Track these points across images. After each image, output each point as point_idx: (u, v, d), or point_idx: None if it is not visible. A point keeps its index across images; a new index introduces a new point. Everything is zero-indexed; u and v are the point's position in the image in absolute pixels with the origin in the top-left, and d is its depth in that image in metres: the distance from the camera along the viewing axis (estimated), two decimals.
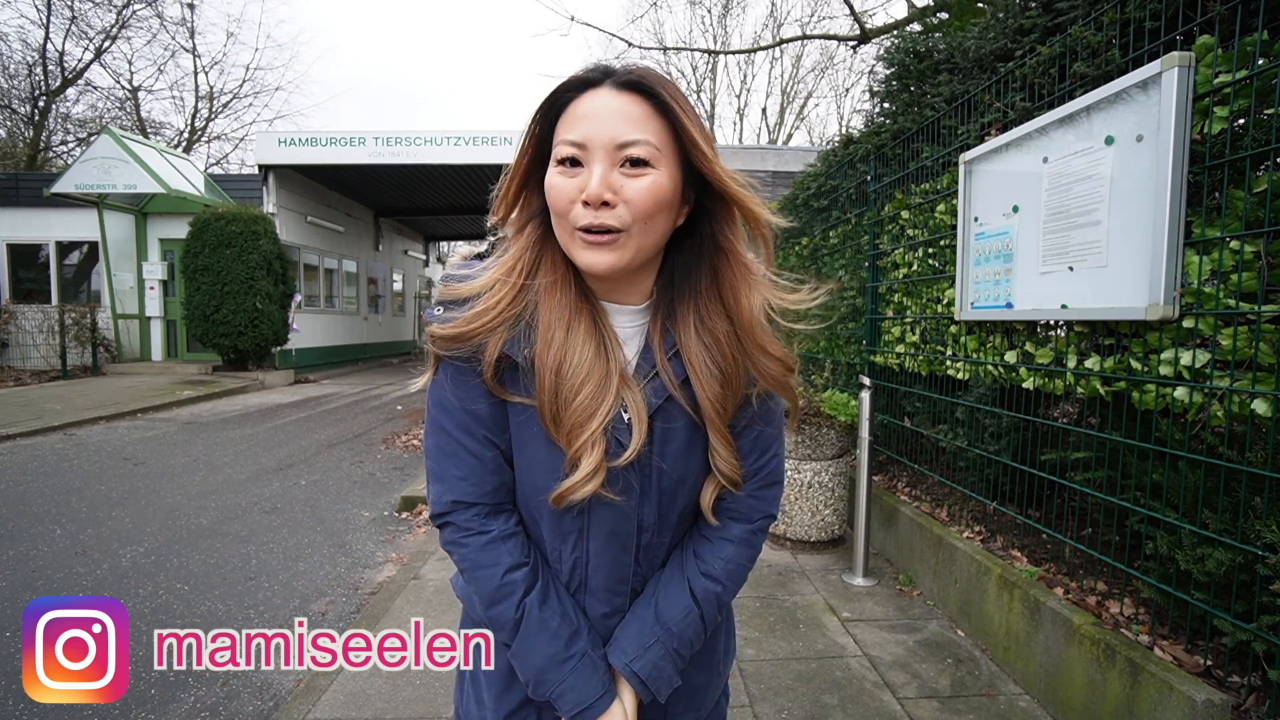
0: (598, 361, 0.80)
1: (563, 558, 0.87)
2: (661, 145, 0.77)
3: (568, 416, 0.78)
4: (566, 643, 0.84)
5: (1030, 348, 2.65)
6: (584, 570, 0.87)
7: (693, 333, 0.83)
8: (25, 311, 12.48)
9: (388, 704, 2.34)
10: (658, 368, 0.83)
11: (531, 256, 0.83)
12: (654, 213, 0.77)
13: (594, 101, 0.76)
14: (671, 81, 0.79)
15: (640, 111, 0.76)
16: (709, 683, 0.98)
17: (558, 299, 0.81)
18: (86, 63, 19.10)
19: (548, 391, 0.78)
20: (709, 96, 25.79)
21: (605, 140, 0.75)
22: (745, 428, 0.88)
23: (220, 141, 29.76)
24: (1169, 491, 2.05)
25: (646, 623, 0.87)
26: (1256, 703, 1.78)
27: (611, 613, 0.89)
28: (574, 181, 0.76)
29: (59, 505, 4.71)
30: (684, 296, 0.85)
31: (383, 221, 19.33)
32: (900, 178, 3.84)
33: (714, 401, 0.83)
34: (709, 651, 0.97)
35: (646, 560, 0.89)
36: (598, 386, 0.79)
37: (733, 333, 0.83)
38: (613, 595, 0.88)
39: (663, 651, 0.87)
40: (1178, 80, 1.88)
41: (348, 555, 3.93)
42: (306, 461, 6.17)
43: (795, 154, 12.07)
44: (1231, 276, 1.80)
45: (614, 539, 0.85)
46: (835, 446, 3.87)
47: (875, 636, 2.84)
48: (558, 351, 0.79)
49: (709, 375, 0.82)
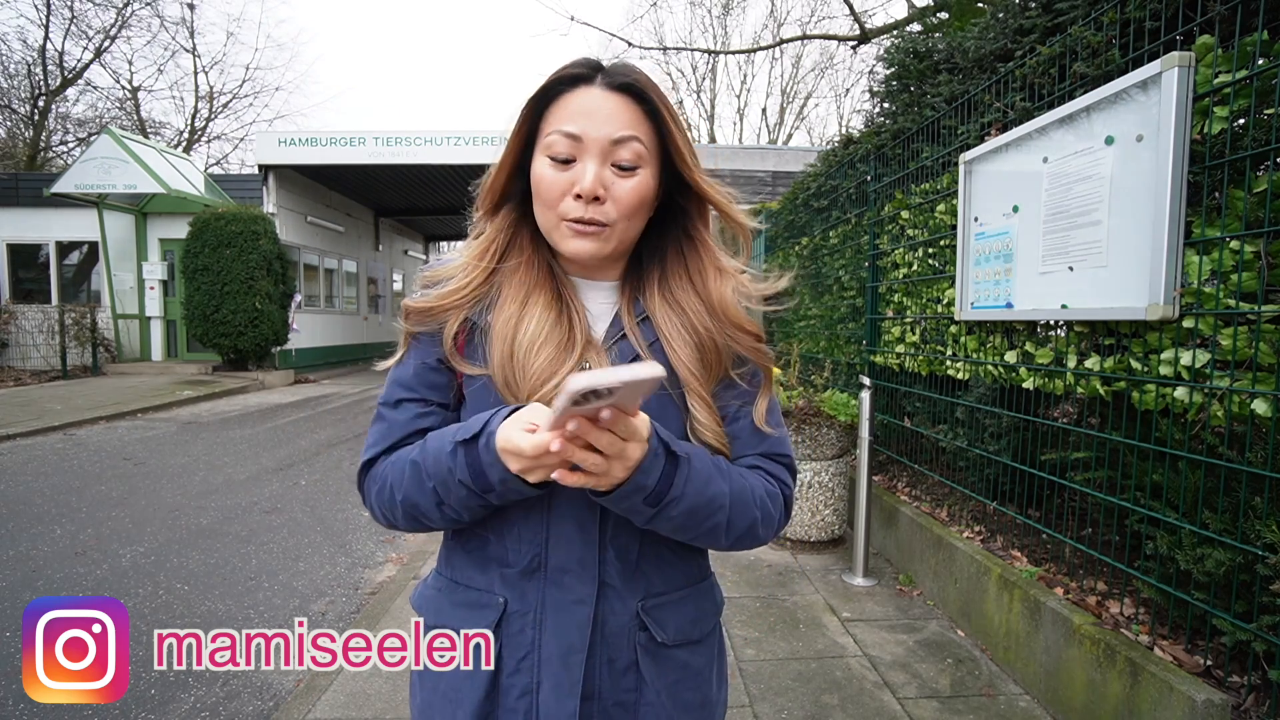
0: (558, 327, 0.82)
1: (522, 536, 0.82)
2: (649, 147, 0.81)
3: (525, 380, 0.79)
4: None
5: (1030, 348, 2.65)
6: (544, 548, 0.81)
7: (657, 299, 0.87)
8: (25, 311, 12.47)
9: (388, 704, 2.34)
10: (625, 329, 0.85)
11: (504, 240, 0.87)
12: (637, 210, 0.82)
13: (588, 99, 0.79)
14: (659, 86, 0.81)
15: (632, 113, 0.79)
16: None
17: (524, 276, 0.85)
18: (86, 63, 19.14)
19: (499, 356, 0.80)
20: (709, 96, 25.83)
21: (600, 139, 0.78)
22: (739, 410, 0.88)
23: (220, 141, 29.85)
24: (1169, 491, 2.05)
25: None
26: (1256, 702, 1.78)
27: (575, 602, 0.81)
28: (565, 175, 0.79)
29: (59, 505, 4.71)
30: (652, 271, 0.89)
31: (383, 221, 19.33)
32: (900, 178, 3.84)
33: (688, 364, 0.84)
34: (695, 687, 0.88)
35: (615, 544, 0.82)
36: (557, 349, 0.80)
37: (704, 310, 0.87)
38: (576, 580, 0.81)
39: (699, 453, 0.78)
40: (1178, 80, 1.88)
41: (348, 555, 3.93)
42: (306, 461, 6.17)
43: (795, 154, 12.07)
44: (1231, 276, 1.80)
45: (577, 511, 0.80)
46: (835, 446, 3.87)
47: (875, 636, 2.84)
48: (515, 318, 0.82)
49: (680, 339, 0.85)
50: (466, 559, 0.87)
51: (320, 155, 12.33)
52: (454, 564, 0.89)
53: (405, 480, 0.80)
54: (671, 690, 0.85)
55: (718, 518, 0.78)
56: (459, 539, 0.88)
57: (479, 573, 0.85)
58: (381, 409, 0.87)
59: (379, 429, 0.87)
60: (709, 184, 0.85)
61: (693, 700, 0.87)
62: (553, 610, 0.81)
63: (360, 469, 0.87)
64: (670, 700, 0.84)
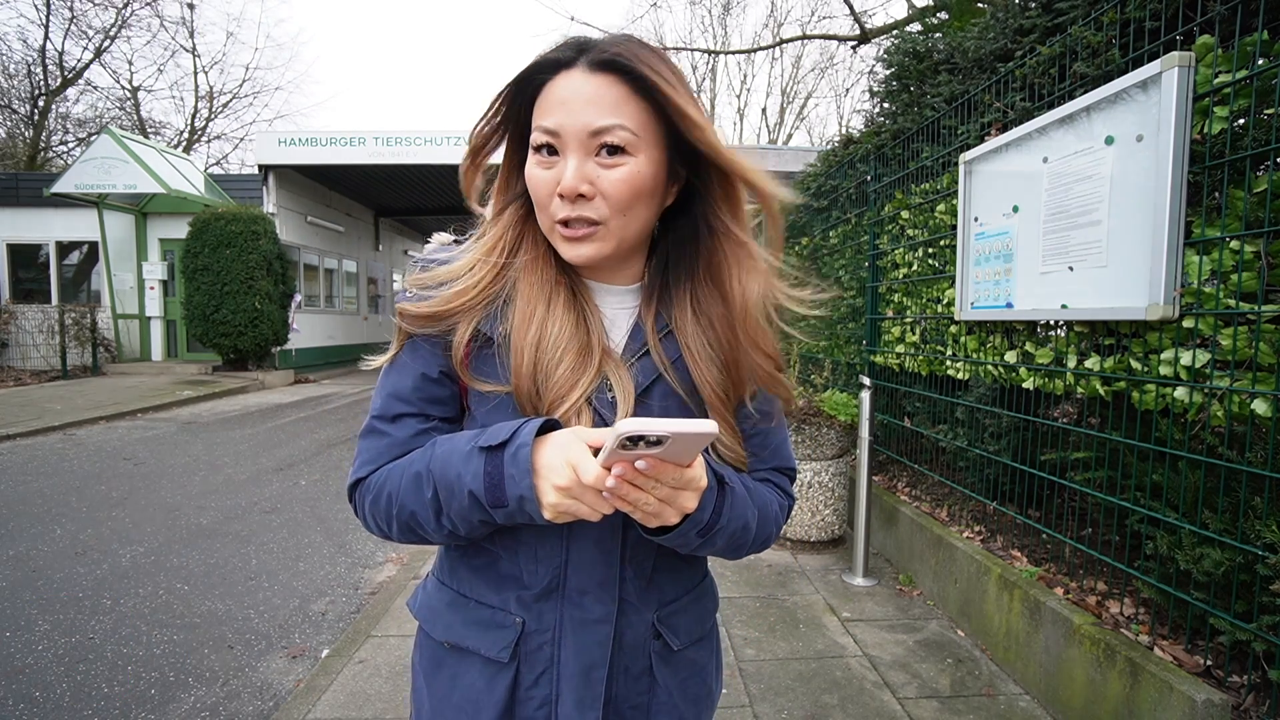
0: (577, 332, 0.75)
1: (539, 556, 0.79)
2: (640, 128, 0.71)
3: (549, 390, 0.73)
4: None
5: (1030, 348, 2.65)
6: (563, 570, 0.78)
7: (689, 314, 0.79)
8: (25, 311, 12.47)
9: (388, 704, 2.34)
10: (648, 346, 0.78)
11: (513, 236, 0.79)
12: (632, 203, 0.73)
13: (567, 85, 0.71)
14: (655, 50, 0.72)
15: (615, 94, 0.70)
16: (696, 719, 0.90)
17: (538, 274, 0.77)
18: (86, 63, 19.13)
19: (525, 368, 0.73)
20: (709, 97, 25.79)
21: (578, 129, 0.70)
22: (755, 425, 0.85)
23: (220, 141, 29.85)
24: (1169, 491, 2.05)
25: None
26: (1256, 702, 1.78)
27: (596, 621, 0.79)
28: (551, 173, 0.72)
29: (59, 505, 4.71)
30: (679, 279, 0.81)
31: (383, 221, 19.32)
32: (900, 178, 3.84)
33: (713, 386, 0.78)
34: (701, 681, 0.90)
35: (634, 563, 0.81)
36: (578, 357, 0.74)
37: (727, 317, 0.78)
38: (595, 602, 0.79)
39: (735, 479, 0.78)
40: (1178, 80, 1.88)
41: (348, 555, 3.93)
42: (306, 461, 6.16)
43: (795, 154, 12.07)
44: (1231, 276, 1.80)
45: (597, 532, 0.78)
46: (835, 446, 3.87)
47: (875, 636, 2.84)
48: (537, 326, 0.74)
49: (706, 358, 0.78)
50: (475, 575, 0.83)
51: (320, 155, 12.32)
52: (460, 577, 0.85)
53: (404, 487, 0.74)
54: (681, 688, 0.87)
55: (747, 536, 0.80)
56: (463, 553, 0.84)
57: (492, 591, 0.82)
58: (376, 422, 0.79)
59: (374, 445, 0.79)
60: (722, 144, 0.73)
61: (699, 692, 0.89)
62: (572, 630, 0.79)
63: (351, 485, 0.81)
64: (681, 697, 0.86)
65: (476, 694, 0.81)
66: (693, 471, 0.65)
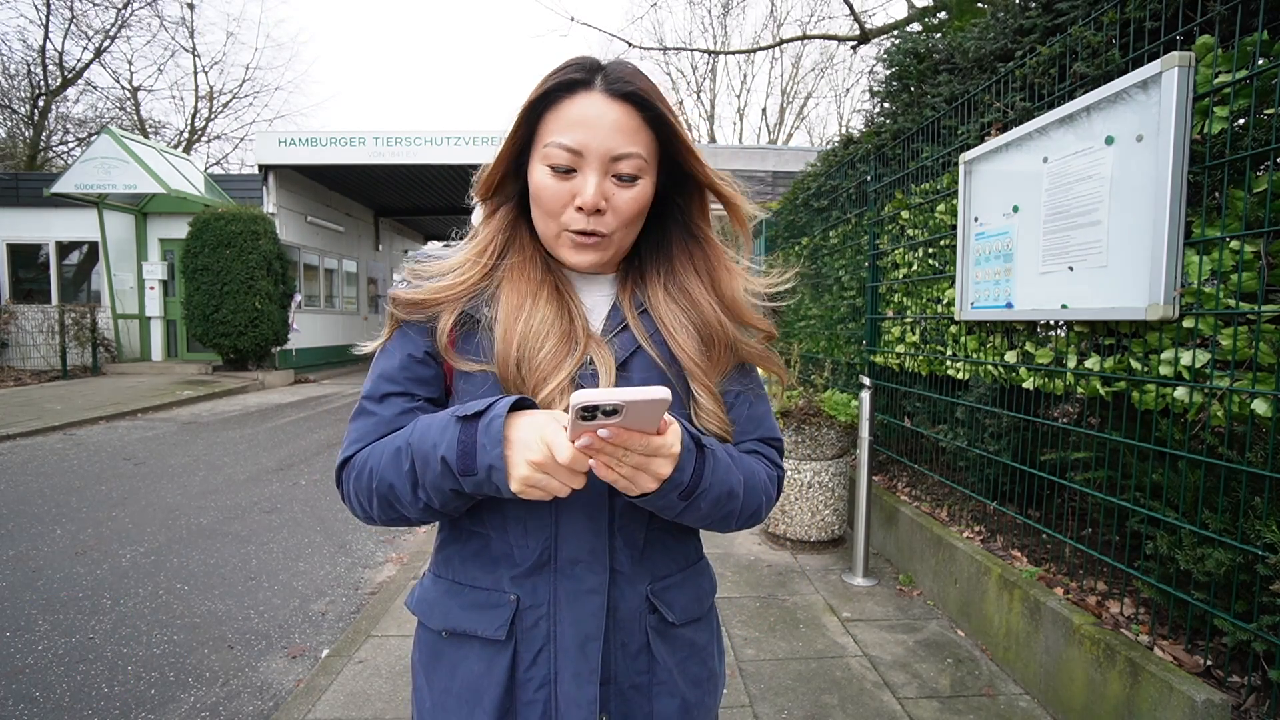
0: (560, 319, 0.81)
1: (528, 530, 0.82)
2: (649, 156, 0.81)
3: (532, 373, 0.78)
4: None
5: (1030, 348, 2.65)
6: (553, 542, 0.81)
7: (661, 292, 0.87)
8: (25, 311, 12.46)
9: (388, 704, 2.34)
10: (625, 321, 0.85)
11: (503, 239, 0.87)
12: (636, 219, 0.83)
13: (588, 107, 0.77)
14: (659, 89, 0.80)
15: (633, 124, 0.78)
16: (699, 702, 0.91)
17: (525, 273, 0.84)
18: (86, 63, 19.13)
19: (509, 352, 0.79)
20: (709, 96, 25.85)
21: (601, 151, 0.77)
22: (738, 397, 0.89)
23: (220, 141, 29.85)
24: (1169, 491, 2.05)
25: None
26: (1256, 703, 1.78)
27: (588, 592, 0.81)
28: (566, 186, 0.78)
29: (59, 505, 4.71)
30: (652, 265, 0.89)
31: (383, 221, 19.32)
32: (900, 178, 3.84)
33: (691, 355, 0.84)
34: (701, 663, 0.91)
35: (624, 533, 0.83)
36: (560, 340, 0.80)
37: (716, 306, 0.87)
38: (587, 571, 0.81)
39: (717, 445, 0.80)
40: (1178, 80, 1.88)
41: (348, 555, 3.93)
42: (306, 461, 6.17)
43: (795, 154, 12.05)
44: (1231, 276, 1.80)
45: (585, 502, 0.80)
46: (835, 446, 3.87)
47: (875, 636, 2.84)
48: (523, 316, 0.80)
49: (681, 329, 0.85)
50: (468, 561, 0.86)
51: (320, 155, 12.32)
52: (454, 566, 0.87)
53: (384, 461, 0.78)
54: (681, 667, 0.88)
55: (734, 504, 0.82)
56: (456, 541, 0.87)
57: (484, 573, 0.84)
58: (365, 403, 0.85)
59: (362, 425, 0.84)
60: (722, 180, 0.86)
61: (700, 674, 0.91)
62: (566, 602, 0.82)
63: (339, 466, 0.84)
64: (681, 676, 0.88)
65: (476, 679, 0.83)
66: (662, 439, 0.68)
